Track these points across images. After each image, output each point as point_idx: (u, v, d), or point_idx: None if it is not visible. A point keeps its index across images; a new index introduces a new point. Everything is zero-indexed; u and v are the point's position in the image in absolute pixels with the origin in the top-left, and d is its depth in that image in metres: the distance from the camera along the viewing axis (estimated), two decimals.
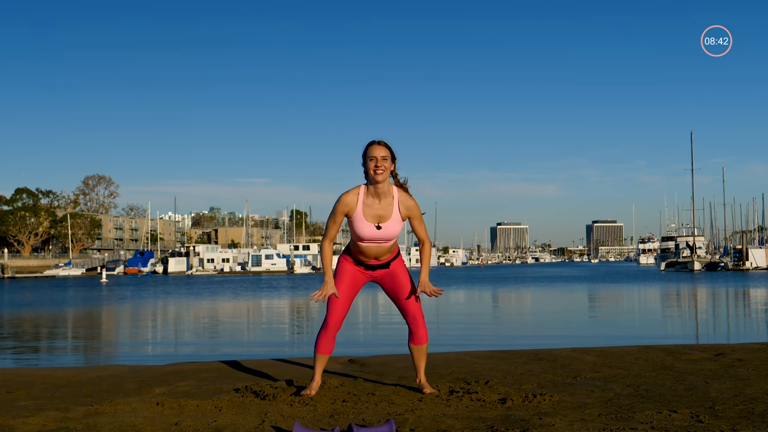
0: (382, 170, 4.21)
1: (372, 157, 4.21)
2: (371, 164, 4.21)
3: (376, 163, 4.20)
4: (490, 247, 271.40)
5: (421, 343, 4.53)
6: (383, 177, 4.22)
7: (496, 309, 19.71)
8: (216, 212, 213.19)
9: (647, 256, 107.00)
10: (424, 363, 4.57)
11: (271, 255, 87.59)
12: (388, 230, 4.31)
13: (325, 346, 4.49)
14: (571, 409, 3.91)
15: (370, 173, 4.23)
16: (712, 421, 3.52)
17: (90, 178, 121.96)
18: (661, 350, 6.48)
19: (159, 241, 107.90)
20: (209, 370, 5.82)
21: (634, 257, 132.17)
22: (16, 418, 3.84)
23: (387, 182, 4.28)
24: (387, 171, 4.23)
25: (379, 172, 4.20)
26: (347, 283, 4.48)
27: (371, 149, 4.24)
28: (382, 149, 4.24)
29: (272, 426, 3.60)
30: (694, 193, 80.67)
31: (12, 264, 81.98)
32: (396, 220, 4.31)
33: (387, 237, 4.32)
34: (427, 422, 3.62)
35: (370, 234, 4.30)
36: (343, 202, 4.29)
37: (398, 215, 4.31)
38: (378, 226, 4.29)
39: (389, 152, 4.26)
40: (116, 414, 3.91)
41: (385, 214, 4.29)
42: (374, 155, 4.21)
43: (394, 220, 4.31)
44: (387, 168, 4.23)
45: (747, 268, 59.99)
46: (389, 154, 4.25)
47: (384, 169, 4.21)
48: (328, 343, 4.49)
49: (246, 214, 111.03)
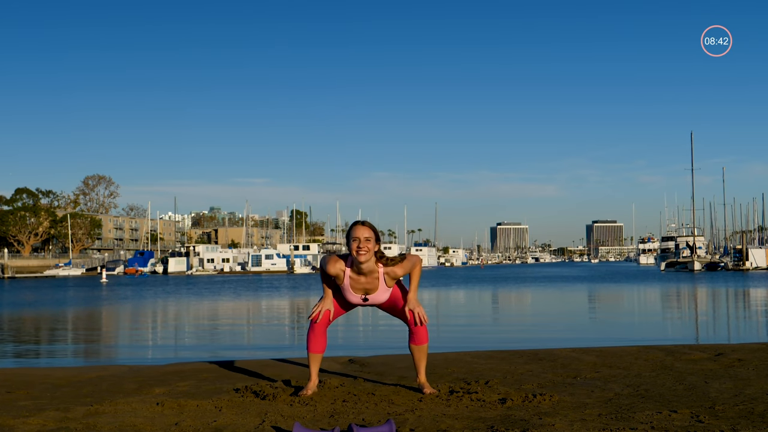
0: (365, 251, 4.29)
1: (355, 238, 4.30)
2: (354, 245, 4.30)
3: (358, 244, 4.28)
4: (490, 247, 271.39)
5: (421, 343, 4.54)
6: (366, 258, 4.31)
7: (496, 309, 19.70)
8: (216, 212, 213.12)
9: (647, 256, 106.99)
10: (424, 363, 4.59)
11: (271, 255, 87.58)
12: (376, 299, 4.48)
13: (315, 344, 4.55)
14: (571, 409, 3.91)
15: (353, 253, 4.31)
16: (712, 421, 3.52)
17: (90, 178, 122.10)
18: (661, 350, 6.48)
19: (159, 241, 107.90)
20: (209, 370, 5.82)
21: (634, 257, 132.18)
22: (16, 418, 3.84)
23: (372, 262, 4.37)
24: (370, 252, 4.31)
25: (362, 253, 4.29)
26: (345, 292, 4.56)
27: (354, 230, 4.32)
28: (365, 230, 4.31)
29: (272, 426, 3.60)
30: (694, 193, 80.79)
31: (12, 264, 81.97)
32: (383, 290, 4.45)
33: (375, 304, 4.51)
34: (427, 422, 3.62)
35: (357, 302, 4.50)
36: (332, 265, 4.44)
37: (384, 285, 4.44)
38: (365, 298, 4.46)
39: (373, 233, 4.33)
40: (116, 414, 3.91)
41: (371, 288, 4.45)
42: (357, 236, 4.30)
43: (381, 290, 4.45)
44: (370, 249, 4.30)
45: (747, 268, 59.99)
46: (373, 235, 4.32)
47: (367, 250, 4.29)
48: (317, 341, 4.55)
49: (246, 214, 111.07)
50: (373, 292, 4.44)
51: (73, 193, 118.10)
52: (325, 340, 4.59)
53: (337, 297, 4.60)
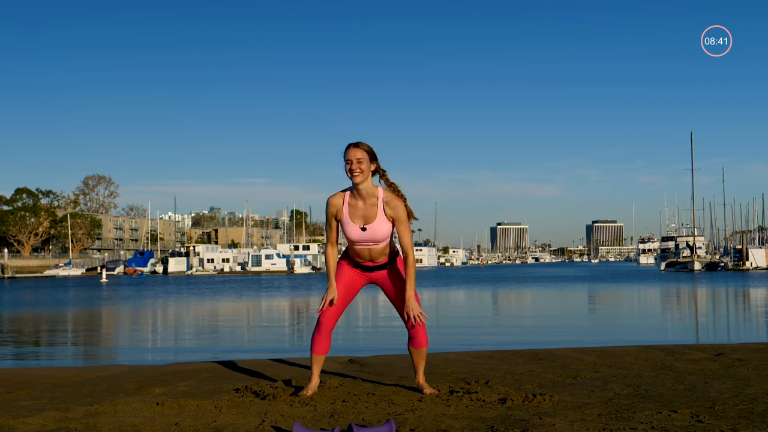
0: (358, 172, 4.23)
1: (347, 160, 4.26)
2: (347, 167, 4.26)
3: (350, 165, 4.24)
4: (490, 247, 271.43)
5: (420, 347, 4.51)
6: (360, 178, 4.25)
7: (496, 309, 19.70)
8: (216, 212, 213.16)
9: (647, 256, 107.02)
10: (423, 365, 4.58)
11: (271, 255, 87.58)
12: (375, 231, 4.31)
13: (319, 345, 4.51)
14: (571, 409, 3.91)
15: (348, 175, 4.27)
16: (712, 421, 3.52)
17: (90, 178, 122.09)
18: (661, 350, 6.48)
19: (159, 241, 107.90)
20: (209, 370, 5.82)
21: (634, 257, 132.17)
22: (16, 418, 3.84)
23: (368, 183, 4.30)
24: (364, 172, 4.25)
25: (356, 174, 4.24)
26: (343, 285, 4.51)
27: (347, 152, 4.28)
28: (357, 151, 4.26)
29: (272, 426, 3.60)
30: (694, 193, 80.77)
31: (12, 264, 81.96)
32: (381, 220, 4.31)
33: (374, 238, 4.33)
34: (427, 422, 3.62)
35: (357, 235, 4.33)
36: (330, 204, 4.37)
37: (383, 215, 4.31)
38: (363, 227, 4.31)
39: (366, 154, 4.27)
40: (116, 414, 3.91)
41: (369, 215, 4.31)
42: (349, 158, 4.26)
43: (380, 220, 4.31)
44: (364, 169, 4.25)
45: (747, 268, 59.99)
46: (365, 156, 4.26)
47: (360, 171, 4.23)
48: (321, 343, 4.50)
49: (246, 214, 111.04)
50: (372, 221, 4.30)
51: (73, 193, 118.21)
52: (329, 342, 4.55)
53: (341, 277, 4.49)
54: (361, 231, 4.31)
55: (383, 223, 4.31)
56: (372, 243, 4.35)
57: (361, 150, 4.27)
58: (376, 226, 4.31)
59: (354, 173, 4.23)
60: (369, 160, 4.27)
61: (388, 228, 4.33)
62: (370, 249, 4.38)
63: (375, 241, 4.35)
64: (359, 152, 4.26)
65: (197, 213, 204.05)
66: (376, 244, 4.36)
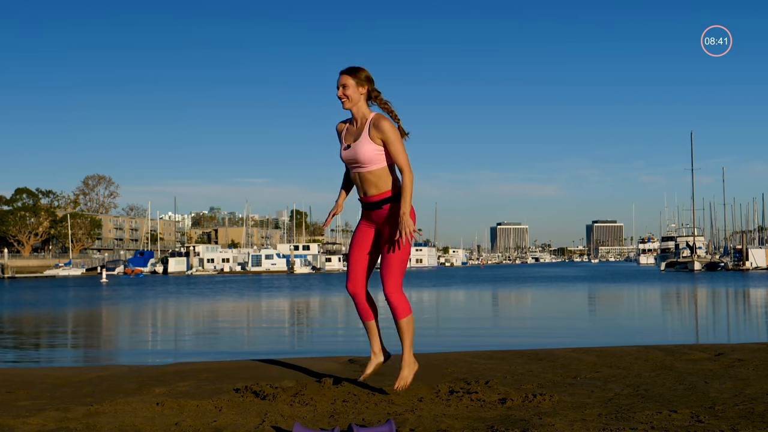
0: (345, 99, 4.23)
1: (337, 87, 4.26)
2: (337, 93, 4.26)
3: (338, 93, 4.25)
4: (490, 247, 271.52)
5: (397, 317, 4.39)
6: (348, 104, 4.24)
7: (497, 309, 19.70)
8: (216, 212, 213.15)
9: (647, 256, 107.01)
10: (407, 339, 4.42)
11: (271, 255, 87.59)
12: (357, 150, 4.18)
13: (363, 312, 4.50)
14: (571, 409, 3.91)
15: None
16: (712, 421, 3.52)
17: (90, 178, 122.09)
18: (661, 350, 6.48)
19: (159, 241, 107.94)
20: (209, 370, 5.82)
21: (634, 257, 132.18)
22: (16, 418, 3.84)
23: (360, 107, 4.26)
24: (351, 98, 4.22)
25: (343, 101, 4.24)
26: (357, 242, 4.42)
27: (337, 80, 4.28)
28: (341, 78, 4.25)
29: (272, 426, 3.60)
30: (694, 193, 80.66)
31: (12, 264, 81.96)
32: (365, 140, 4.17)
33: (356, 158, 4.19)
34: (427, 422, 3.62)
35: (344, 155, 4.29)
36: (336, 129, 4.42)
37: (367, 136, 4.18)
38: (348, 146, 4.25)
39: (350, 78, 4.24)
40: (116, 414, 3.91)
41: (358, 134, 4.25)
42: (337, 85, 4.26)
43: (363, 140, 4.18)
44: (350, 95, 4.22)
45: (747, 268, 60.00)
46: (351, 81, 4.22)
47: (346, 98, 4.22)
48: (363, 311, 4.48)
49: (246, 214, 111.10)
50: (357, 140, 4.21)
51: (73, 193, 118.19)
52: (372, 305, 4.46)
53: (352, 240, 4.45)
54: (345, 150, 4.27)
55: (366, 143, 4.17)
56: (357, 165, 4.21)
57: (347, 75, 4.25)
58: (359, 145, 4.19)
59: (342, 100, 4.24)
60: (356, 84, 4.23)
61: (371, 149, 4.16)
62: (359, 174, 4.24)
63: (358, 163, 4.20)
64: (343, 78, 4.24)
65: (197, 213, 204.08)
66: (362, 168, 4.20)
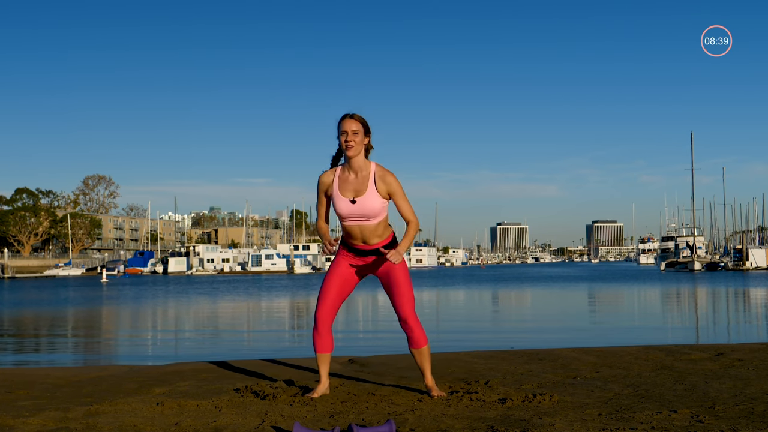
0: (353, 144, 4.15)
1: (343, 132, 4.18)
2: (342, 138, 4.18)
3: (346, 137, 4.16)
4: (490, 247, 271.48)
5: (418, 346, 4.34)
6: (354, 152, 4.16)
7: (497, 309, 19.70)
8: (216, 212, 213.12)
9: (647, 256, 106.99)
10: (428, 365, 4.39)
11: (271, 255, 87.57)
12: (365, 204, 4.16)
13: (320, 344, 4.39)
14: (571, 409, 3.91)
15: (342, 147, 4.19)
16: (712, 421, 3.52)
17: (90, 178, 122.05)
18: (661, 350, 6.48)
19: (159, 241, 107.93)
20: (209, 370, 5.82)
21: (634, 257, 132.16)
22: (16, 418, 3.84)
23: (361, 157, 4.21)
24: (359, 145, 4.16)
25: (350, 146, 4.15)
26: (337, 276, 4.38)
27: (342, 123, 4.19)
28: (352, 123, 4.17)
29: (272, 426, 3.59)
30: (694, 193, 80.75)
31: (12, 264, 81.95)
32: (372, 194, 4.16)
33: (364, 212, 4.17)
34: (427, 422, 3.62)
35: (346, 209, 4.19)
36: (321, 180, 4.30)
37: (374, 189, 4.16)
38: (353, 200, 4.17)
39: (361, 126, 4.19)
40: (116, 414, 3.91)
41: (360, 188, 4.17)
42: (345, 129, 4.17)
43: (370, 194, 4.16)
44: (359, 142, 4.16)
45: (747, 268, 59.98)
46: (361, 128, 4.18)
47: (355, 144, 4.15)
48: (322, 341, 4.38)
49: (246, 214, 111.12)
50: (362, 194, 4.16)
51: (73, 193, 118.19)
52: (331, 339, 4.41)
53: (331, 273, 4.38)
54: (350, 204, 4.17)
55: (374, 197, 4.16)
56: (362, 218, 4.19)
57: (357, 122, 4.19)
58: (366, 200, 4.16)
59: (348, 145, 4.14)
60: (363, 133, 4.20)
61: (379, 203, 4.17)
62: (360, 226, 4.22)
63: (365, 216, 4.19)
64: (355, 124, 4.18)
65: (197, 213, 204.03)
66: (367, 221, 4.20)
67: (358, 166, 4.20)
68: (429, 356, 4.40)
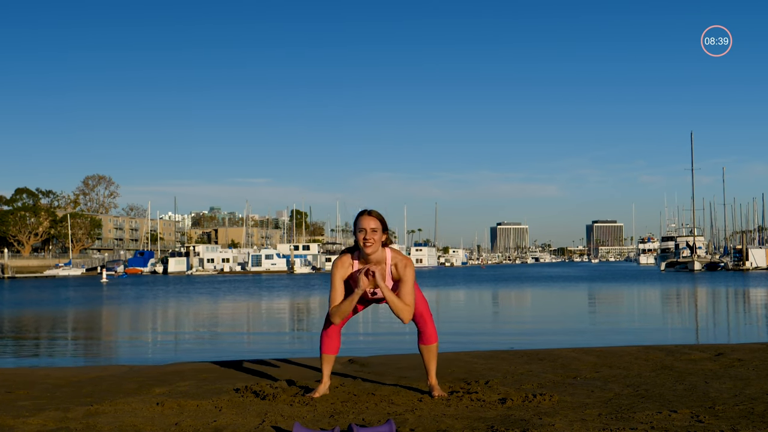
0: (371, 243, 4.18)
1: (361, 229, 4.19)
2: (360, 236, 4.19)
3: (365, 235, 4.18)
4: (490, 247, 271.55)
5: (429, 342, 4.42)
6: (372, 249, 4.20)
7: (497, 309, 19.70)
8: (216, 212, 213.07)
9: (647, 256, 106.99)
10: (434, 364, 4.45)
11: (271, 255, 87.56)
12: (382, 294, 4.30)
13: (329, 345, 4.43)
14: (571, 409, 3.91)
15: (360, 244, 4.21)
16: (712, 421, 3.52)
17: (90, 178, 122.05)
18: (661, 350, 6.48)
19: (159, 241, 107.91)
20: (209, 370, 5.82)
21: (634, 257, 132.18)
22: (16, 418, 3.84)
23: (379, 251, 4.25)
24: (377, 243, 4.21)
25: (368, 245, 4.18)
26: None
27: (360, 221, 4.21)
28: (371, 221, 4.20)
29: (272, 426, 3.60)
30: (694, 193, 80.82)
31: (12, 264, 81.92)
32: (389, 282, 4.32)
33: (381, 298, 4.35)
34: (427, 422, 3.62)
35: (367, 298, 4.37)
36: (339, 265, 4.31)
37: (391, 277, 4.31)
38: (373, 292, 4.32)
39: (380, 223, 4.22)
40: (116, 414, 3.91)
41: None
42: (363, 227, 4.19)
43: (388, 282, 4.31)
44: (377, 240, 4.20)
45: (747, 268, 59.98)
46: (379, 225, 4.21)
47: (373, 242, 4.19)
48: (331, 342, 4.43)
49: (246, 214, 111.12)
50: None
51: (73, 193, 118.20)
52: (339, 341, 4.47)
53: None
54: (370, 296, 4.34)
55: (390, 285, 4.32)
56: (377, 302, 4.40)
57: (375, 219, 4.22)
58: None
59: (367, 243, 4.18)
60: (382, 230, 4.23)
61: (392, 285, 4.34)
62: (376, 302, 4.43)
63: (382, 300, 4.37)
64: (374, 222, 4.21)
65: (197, 213, 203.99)
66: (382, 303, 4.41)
67: (376, 260, 4.26)
68: (436, 355, 4.48)
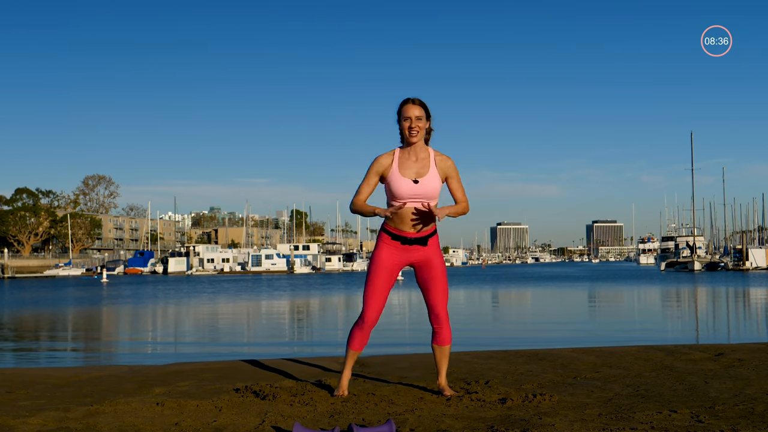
0: (417, 130, 4.13)
1: (407, 117, 4.14)
2: (405, 124, 4.14)
3: (410, 123, 4.13)
4: (490, 247, 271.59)
5: (443, 343, 4.39)
6: (418, 138, 4.15)
7: (497, 309, 19.70)
8: (216, 212, 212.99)
9: (647, 256, 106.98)
10: (446, 364, 4.42)
11: (271, 255, 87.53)
12: (426, 185, 4.14)
13: (360, 342, 4.35)
14: (571, 409, 3.91)
15: (405, 133, 4.15)
16: (712, 421, 3.52)
17: (90, 178, 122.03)
18: (661, 350, 6.48)
19: (159, 241, 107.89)
20: (209, 370, 5.82)
21: (634, 257, 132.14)
22: (16, 418, 3.84)
23: (422, 141, 4.21)
24: (422, 131, 4.15)
25: (414, 133, 4.13)
26: (384, 271, 4.27)
27: (405, 109, 4.15)
28: (416, 109, 4.15)
29: (272, 426, 3.60)
30: (694, 193, 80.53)
31: (12, 264, 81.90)
32: (434, 176, 4.18)
33: (425, 193, 4.15)
34: (427, 422, 3.62)
35: (408, 190, 4.13)
36: (378, 161, 4.20)
37: (435, 172, 4.18)
38: (416, 180, 4.13)
39: (424, 111, 4.17)
40: (116, 414, 3.91)
41: (422, 170, 4.16)
42: (408, 115, 4.14)
43: (432, 176, 4.17)
44: (422, 128, 4.15)
45: (747, 268, 59.97)
46: (424, 114, 4.16)
47: (419, 130, 4.13)
48: (362, 340, 4.35)
49: (246, 214, 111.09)
50: (424, 175, 4.15)
51: (73, 193, 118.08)
52: (368, 340, 4.38)
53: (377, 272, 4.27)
54: (413, 184, 4.13)
55: (435, 179, 4.17)
56: (422, 199, 4.16)
57: (419, 107, 4.17)
58: (429, 181, 4.16)
59: (412, 131, 4.12)
60: (426, 119, 4.18)
61: (438, 185, 4.20)
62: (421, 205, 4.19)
63: (425, 197, 4.16)
64: (418, 110, 4.15)
65: (197, 213, 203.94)
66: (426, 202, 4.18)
67: (419, 150, 4.20)
68: (449, 357, 4.45)
